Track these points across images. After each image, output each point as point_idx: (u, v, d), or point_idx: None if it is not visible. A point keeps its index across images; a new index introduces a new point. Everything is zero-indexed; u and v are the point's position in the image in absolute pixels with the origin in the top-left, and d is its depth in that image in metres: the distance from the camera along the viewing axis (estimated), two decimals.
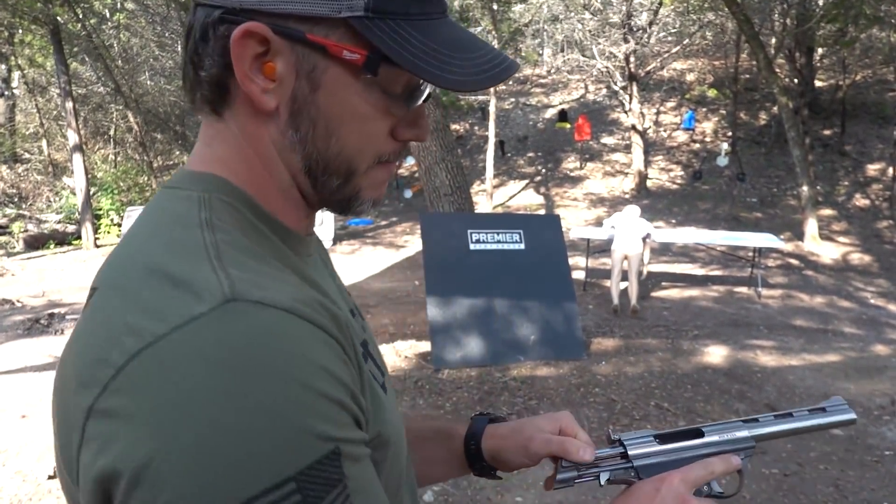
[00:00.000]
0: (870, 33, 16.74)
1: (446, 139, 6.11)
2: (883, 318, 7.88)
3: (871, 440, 4.37)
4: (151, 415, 0.40)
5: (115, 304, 0.47)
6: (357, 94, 0.55)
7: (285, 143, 0.57)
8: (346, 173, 0.58)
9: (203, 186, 0.56)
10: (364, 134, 0.57)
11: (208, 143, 0.59)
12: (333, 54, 0.53)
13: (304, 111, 0.55)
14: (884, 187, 15.86)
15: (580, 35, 19.03)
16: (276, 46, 0.53)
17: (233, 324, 0.43)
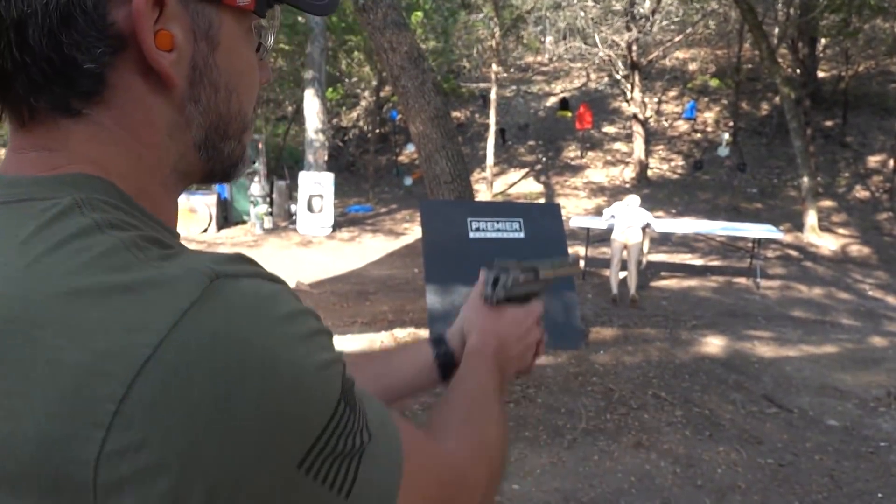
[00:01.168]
0: (873, 24, 16.67)
1: (447, 127, 6.09)
2: (881, 310, 7.90)
3: (866, 431, 4.40)
4: (191, 425, 0.37)
5: (59, 343, 0.38)
6: (246, 42, 0.53)
7: (180, 121, 0.51)
8: (241, 131, 0.55)
9: (68, 191, 0.45)
10: (253, 84, 0.56)
11: (51, 147, 0.47)
12: (228, 4, 0.50)
13: (206, 77, 0.50)
14: (884, 179, 15.84)
15: (582, 23, 18.91)
16: (170, 10, 0.46)
17: (227, 301, 0.40)
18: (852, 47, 17.66)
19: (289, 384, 0.40)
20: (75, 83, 0.45)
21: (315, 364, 0.42)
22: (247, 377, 0.39)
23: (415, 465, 0.50)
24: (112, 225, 0.43)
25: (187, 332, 0.38)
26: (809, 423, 4.52)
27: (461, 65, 20.89)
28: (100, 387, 0.37)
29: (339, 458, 0.43)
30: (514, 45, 22.01)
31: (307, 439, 0.41)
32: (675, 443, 4.17)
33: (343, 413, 0.43)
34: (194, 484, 0.37)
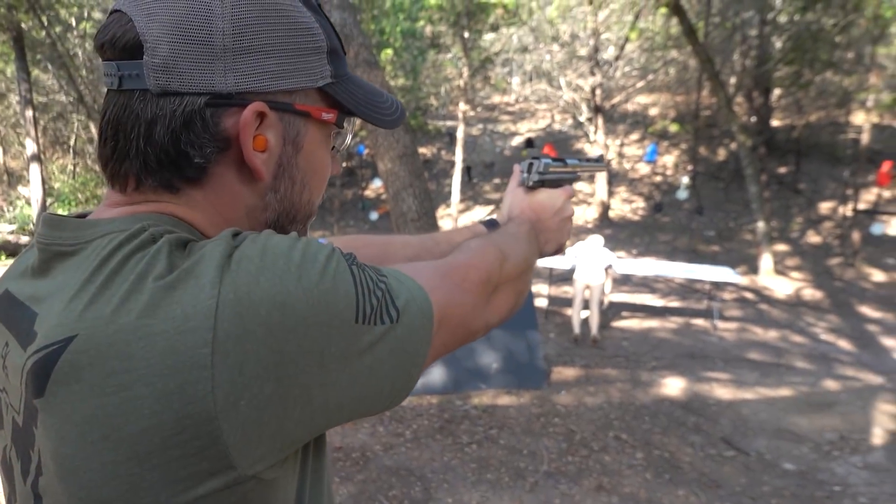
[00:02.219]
0: (824, 77, 17.47)
1: (415, 165, 6.13)
2: (833, 353, 8.11)
3: (821, 475, 4.47)
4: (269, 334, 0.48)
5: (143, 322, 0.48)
6: (324, 147, 0.66)
7: (259, 205, 0.62)
8: (307, 217, 0.68)
9: (143, 221, 0.56)
10: (324, 180, 0.68)
11: (144, 203, 0.60)
12: (315, 118, 0.62)
13: (287, 172, 0.62)
14: (835, 225, 16.43)
15: (548, 66, 19.40)
16: (269, 120, 0.58)
17: (248, 246, 0.52)
18: (804, 98, 18.45)
19: (318, 278, 0.52)
20: (184, 171, 0.58)
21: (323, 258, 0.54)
22: (289, 286, 0.50)
23: (423, 277, 0.62)
24: (162, 233, 0.54)
25: (233, 278, 0.49)
26: (766, 467, 4.58)
27: (429, 102, 21.16)
28: (191, 339, 0.47)
29: (378, 301, 0.55)
30: (481, 85, 22.45)
31: (351, 303, 0.53)
32: (635, 486, 4.18)
33: (361, 275, 0.55)
34: (291, 377, 0.49)
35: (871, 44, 14.86)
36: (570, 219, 1.05)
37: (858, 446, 4.98)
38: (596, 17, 17.66)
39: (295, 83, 0.60)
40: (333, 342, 0.51)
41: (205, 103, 0.56)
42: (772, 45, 17.20)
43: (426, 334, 0.59)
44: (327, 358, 0.51)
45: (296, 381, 0.49)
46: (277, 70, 0.58)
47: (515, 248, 0.82)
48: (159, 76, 0.55)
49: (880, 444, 5.06)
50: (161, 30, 0.54)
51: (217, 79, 0.55)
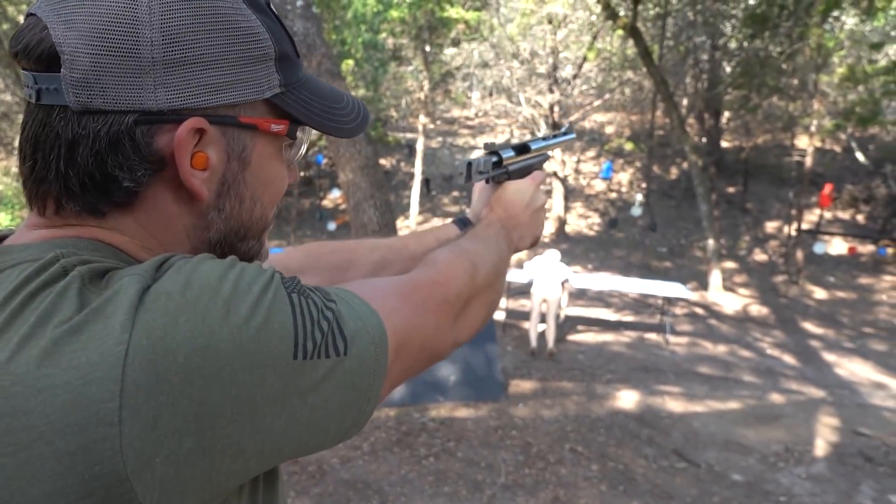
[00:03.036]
0: (770, 101, 18.17)
1: (376, 177, 6.13)
2: (778, 368, 8.39)
3: (767, 486, 4.61)
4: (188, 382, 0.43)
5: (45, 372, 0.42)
6: (275, 159, 0.60)
7: (200, 225, 0.57)
8: (261, 233, 0.63)
9: (59, 249, 0.50)
10: (279, 193, 0.63)
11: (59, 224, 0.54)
12: (263, 130, 0.57)
13: (233, 190, 0.57)
14: (780, 244, 17.05)
15: (508, 82, 19.67)
16: (209, 136, 0.53)
17: (164, 284, 0.46)
18: (752, 121, 19.15)
19: (247, 313, 0.46)
20: (111, 195, 0.52)
21: (258, 288, 0.48)
22: (212, 325, 0.44)
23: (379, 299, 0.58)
24: (74, 264, 0.47)
25: (146, 319, 0.43)
26: (716, 478, 4.70)
27: (389, 114, 21.19)
28: (95, 392, 0.41)
29: (323, 333, 0.50)
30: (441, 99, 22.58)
31: (288, 338, 0.47)
32: (591, 498, 4.24)
33: (301, 304, 0.50)
34: (215, 428, 0.44)
35: (814, 72, 15.54)
36: (542, 208, 0.99)
37: (802, 457, 5.16)
38: (555, 35, 18.01)
39: (238, 96, 0.54)
40: (267, 385, 0.46)
41: (133, 122, 0.50)
42: (722, 70, 17.83)
43: (380, 366, 0.54)
44: (260, 403, 0.46)
45: (222, 432, 0.44)
46: (217, 83, 0.52)
47: (486, 257, 0.78)
48: (80, 92, 0.49)
49: (822, 455, 5.25)
50: (80, 40, 0.48)
51: (146, 95, 0.50)
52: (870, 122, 15.56)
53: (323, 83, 0.65)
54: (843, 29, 16.34)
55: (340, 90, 0.67)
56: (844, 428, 5.90)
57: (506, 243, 0.87)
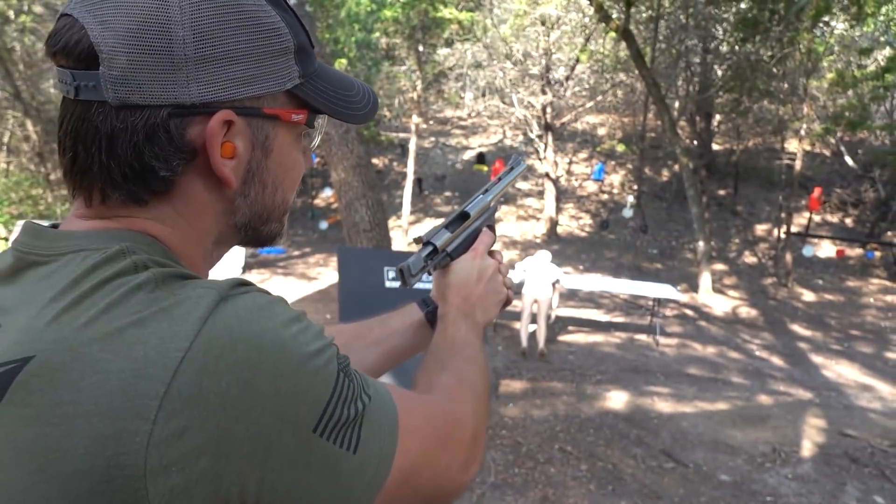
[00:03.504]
0: (761, 105, 18.29)
1: (368, 176, 6.13)
2: (766, 369, 8.45)
3: (754, 486, 4.65)
4: (221, 407, 0.45)
5: (105, 356, 0.45)
6: (296, 147, 0.64)
7: (228, 208, 0.61)
8: (283, 215, 0.66)
9: (120, 242, 0.54)
10: (297, 178, 0.67)
11: (114, 218, 0.56)
12: (284, 120, 0.61)
13: (257, 177, 0.61)
14: (770, 246, 17.16)
15: (501, 83, 19.70)
16: (237, 127, 0.57)
17: (236, 310, 0.49)
18: (743, 124, 19.26)
19: (296, 366, 0.49)
20: (149, 184, 0.55)
21: (314, 349, 0.51)
22: (262, 365, 0.47)
23: (408, 416, 0.58)
24: (146, 265, 0.52)
25: (210, 335, 0.47)
26: (703, 478, 4.73)
27: (382, 113, 21.16)
28: (143, 387, 0.44)
29: (346, 421, 0.52)
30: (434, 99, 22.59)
31: (318, 408, 0.50)
32: (579, 497, 4.26)
33: (343, 383, 0.52)
34: (230, 459, 0.46)
35: (804, 76, 15.65)
36: (495, 273, 0.95)
37: (789, 458, 5.21)
38: (548, 37, 18.06)
39: (262, 88, 0.57)
40: (283, 441, 0.48)
41: (167, 115, 0.53)
42: (714, 73, 17.93)
43: (377, 479, 0.54)
44: (272, 455, 0.48)
45: (235, 465, 0.46)
46: (243, 76, 0.55)
47: (477, 378, 0.77)
48: (118, 88, 0.52)
49: (809, 456, 5.30)
50: (117, 40, 0.51)
51: (179, 90, 0.53)
52: (859, 126, 15.69)
53: (333, 70, 0.68)
54: (833, 34, 16.48)
55: (350, 77, 0.70)
56: (831, 429, 5.96)
57: (475, 337, 0.87)
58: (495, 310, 0.94)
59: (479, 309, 0.91)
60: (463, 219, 0.96)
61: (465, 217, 0.96)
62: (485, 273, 0.93)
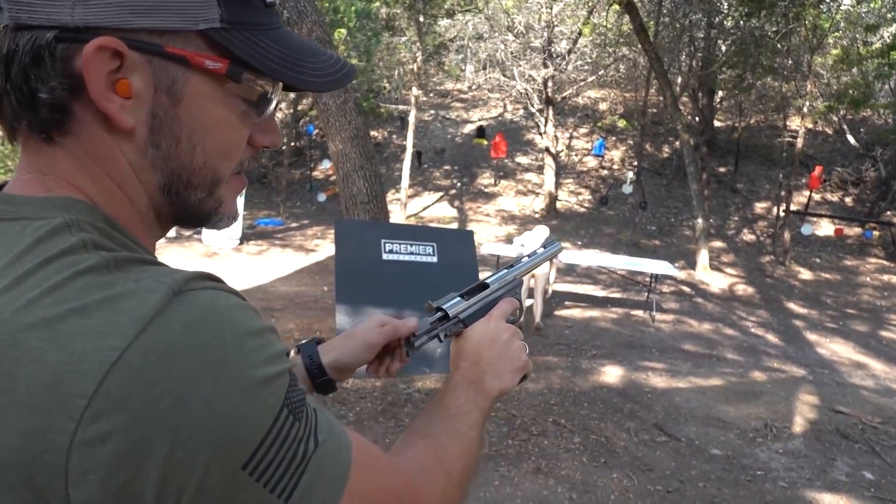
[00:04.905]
0: (764, 81, 18.14)
1: (366, 147, 6.09)
2: (761, 346, 8.50)
3: (745, 461, 4.70)
4: (150, 418, 0.42)
5: (42, 345, 0.42)
6: (219, 103, 0.56)
7: (144, 163, 0.55)
8: (211, 185, 0.59)
9: (59, 213, 0.50)
10: (228, 142, 0.58)
11: (44, 171, 0.54)
12: (195, 65, 0.53)
13: (166, 126, 0.54)
14: (768, 225, 17.16)
15: (502, 55, 19.49)
16: (130, 62, 0.51)
17: (187, 311, 0.45)
18: (746, 101, 19.13)
19: (236, 389, 0.45)
20: (38, 111, 0.51)
21: (262, 375, 0.47)
22: (200, 380, 0.43)
23: (363, 475, 0.54)
24: (97, 245, 0.48)
25: (152, 337, 0.43)
26: (695, 452, 4.78)
27: (381, 85, 20.99)
28: (75, 383, 0.41)
29: (282, 463, 0.47)
30: (435, 71, 22.39)
31: (251, 442, 0.45)
32: (572, 469, 4.31)
33: (286, 421, 0.47)
34: (149, 476, 0.42)
35: (808, 53, 15.50)
36: (511, 339, 0.88)
37: (780, 434, 5.26)
38: (550, 9, 17.82)
39: (162, 22, 0.51)
40: (210, 472, 0.44)
41: (54, 38, 0.49)
42: (717, 49, 17.74)
43: None
44: (194, 484, 0.43)
45: (153, 485, 0.42)
46: (137, 4, 0.50)
47: (459, 459, 0.71)
48: (11, 7, 0.50)
49: (800, 431, 5.35)
50: None
51: (65, 11, 0.49)
52: (862, 104, 15.57)
53: (303, 39, 0.62)
54: (839, 10, 16.27)
55: (322, 48, 0.64)
56: (823, 406, 6.01)
57: (475, 408, 0.79)
58: (511, 378, 0.86)
59: (491, 375, 0.84)
60: (481, 289, 0.92)
61: (484, 287, 0.92)
62: (498, 337, 0.87)
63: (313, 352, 0.93)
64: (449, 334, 0.88)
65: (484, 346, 0.86)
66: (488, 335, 0.87)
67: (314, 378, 0.91)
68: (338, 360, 0.92)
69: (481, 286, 0.92)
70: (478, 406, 0.80)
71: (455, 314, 0.88)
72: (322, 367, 0.92)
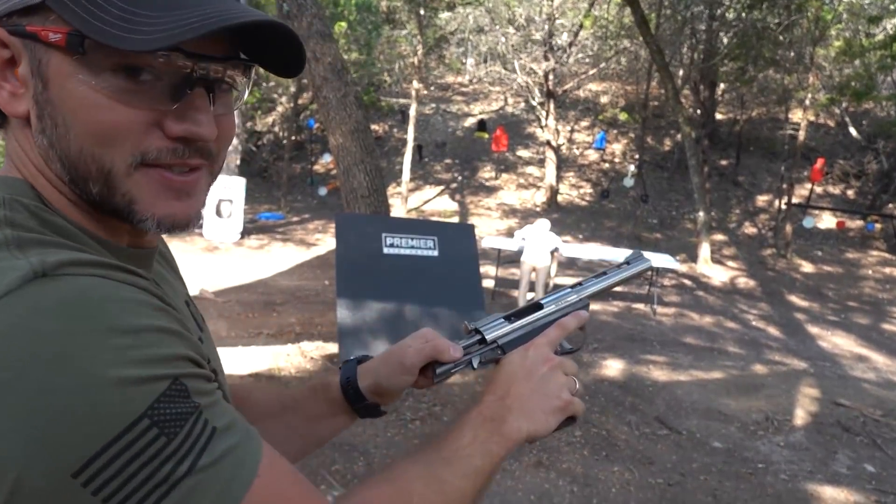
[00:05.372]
0: (766, 74, 18.07)
1: (367, 141, 6.08)
2: (762, 339, 8.50)
3: (746, 453, 4.70)
4: None
5: None
6: (83, 80, 0.50)
7: (45, 154, 0.53)
8: (99, 174, 0.52)
9: (4, 188, 0.51)
10: (99, 125, 0.50)
11: (8, 154, 0.56)
12: (42, 40, 0.49)
13: (45, 111, 0.51)
14: (770, 218, 17.12)
15: (503, 48, 19.43)
16: (16, 48, 0.51)
17: (40, 296, 0.42)
18: (747, 94, 19.06)
19: (74, 387, 0.40)
20: None
21: (117, 375, 0.41)
22: (30, 371, 0.39)
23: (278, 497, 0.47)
24: (10, 222, 0.47)
25: None
26: (696, 445, 4.79)
27: (382, 79, 20.94)
28: None
29: (132, 481, 0.41)
30: (435, 64, 22.32)
31: (86, 449, 0.40)
32: (573, 462, 4.31)
33: (144, 433, 0.42)
34: None
35: (811, 45, 15.43)
36: (553, 372, 0.73)
37: (781, 427, 5.26)
38: (552, 1, 17.75)
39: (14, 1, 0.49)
40: (31, 475, 0.39)
41: None
42: (719, 41, 17.67)
43: None
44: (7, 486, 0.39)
45: None
46: None
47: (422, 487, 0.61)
48: None
49: (801, 424, 5.35)
50: None
51: None
52: (864, 96, 15.53)
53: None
54: (842, 1, 16.19)
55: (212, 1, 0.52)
56: (824, 399, 6.01)
57: (482, 454, 0.66)
58: (545, 420, 0.71)
59: (518, 414, 0.69)
60: (533, 310, 0.79)
61: (537, 308, 0.79)
62: (536, 369, 0.72)
63: (351, 373, 0.83)
64: (484, 361, 0.76)
65: (517, 378, 0.72)
66: (524, 366, 0.73)
67: (352, 402, 0.82)
68: (377, 383, 0.81)
69: (534, 307, 0.80)
70: (486, 451, 0.66)
71: (493, 339, 0.76)
72: (359, 390, 0.82)
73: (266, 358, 5.54)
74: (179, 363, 0.46)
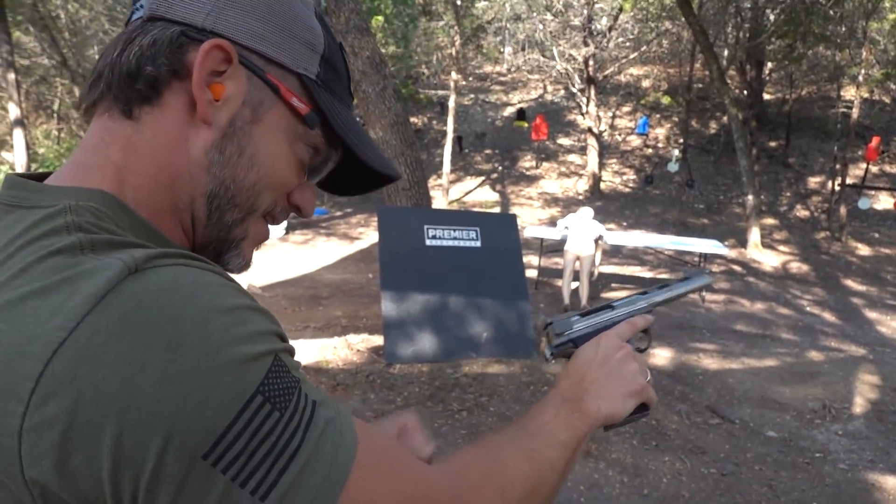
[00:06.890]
0: (816, 51, 17.42)
1: (406, 134, 6.09)
2: (818, 325, 8.24)
3: (803, 443, 4.57)
4: (94, 401, 0.40)
5: (2, 326, 0.42)
6: (289, 140, 0.61)
7: (203, 161, 0.56)
8: (248, 209, 0.60)
9: (70, 198, 0.50)
10: (281, 176, 0.61)
11: (99, 148, 0.55)
12: (284, 97, 0.59)
13: (237, 137, 0.57)
14: (823, 200, 16.55)
15: (541, 35, 19.21)
16: (233, 71, 0.56)
17: (142, 287, 0.43)
18: (796, 72, 18.42)
19: (191, 372, 0.41)
20: (136, 82, 0.55)
21: (228, 356, 0.43)
22: (149, 361, 0.41)
23: (368, 479, 0.48)
24: (79, 227, 0.47)
25: (100, 316, 0.41)
26: (750, 434, 4.67)
27: (420, 71, 20.96)
28: (24, 365, 0.40)
29: (255, 457, 0.43)
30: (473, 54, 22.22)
31: (212, 431, 0.41)
32: (622, 452, 4.26)
33: (259, 410, 0.43)
34: (102, 461, 0.40)
35: (863, 18, 14.81)
36: (626, 359, 0.80)
37: (840, 415, 5.09)
38: None
39: (272, 52, 0.58)
40: (164, 462, 0.41)
41: (179, 32, 0.55)
42: (766, 18, 17.11)
43: None
44: (149, 474, 0.41)
45: (108, 471, 0.40)
46: (259, 32, 0.57)
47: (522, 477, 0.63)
48: (154, 3, 0.56)
49: (861, 412, 5.17)
50: None
51: (199, 15, 0.56)
52: None
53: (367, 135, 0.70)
54: None
55: None
56: (885, 386, 5.79)
57: (564, 429, 0.70)
58: (621, 402, 0.76)
59: (594, 395, 0.75)
60: (607, 310, 0.87)
61: (609, 309, 0.86)
62: (611, 356, 0.79)
63: None
64: (557, 354, 0.82)
65: (592, 364, 0.79)
66: (598, 353, 0.80)
67: None
68: None
69: (606, 307, 0.86)
70: (569, 426, 0.70)
71: (566, 335, 0.82)
72: None
73: (314, 351, 5.62)
74: (274, 339, 0.48)
